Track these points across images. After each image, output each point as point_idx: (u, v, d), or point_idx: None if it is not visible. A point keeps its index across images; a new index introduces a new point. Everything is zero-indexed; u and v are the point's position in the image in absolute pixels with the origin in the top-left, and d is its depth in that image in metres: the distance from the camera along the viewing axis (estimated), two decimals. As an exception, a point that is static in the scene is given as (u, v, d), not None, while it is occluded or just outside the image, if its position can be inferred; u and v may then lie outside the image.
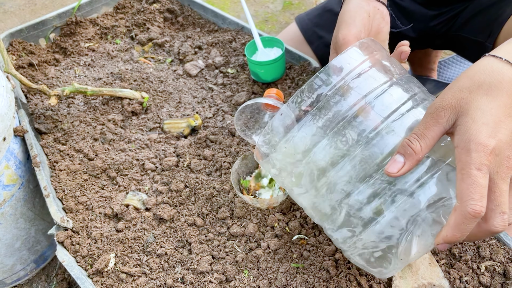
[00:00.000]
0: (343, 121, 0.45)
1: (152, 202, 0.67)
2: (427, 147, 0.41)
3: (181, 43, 1.02)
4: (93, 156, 0.76)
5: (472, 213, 0.37)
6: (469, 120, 0.39)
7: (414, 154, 0.41)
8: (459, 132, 0.39)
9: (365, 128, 0.44)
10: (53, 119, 0.83)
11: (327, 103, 0.46)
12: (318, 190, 0.48)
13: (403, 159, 0.41)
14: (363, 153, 0.44)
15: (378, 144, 0.44)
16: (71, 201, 0.69)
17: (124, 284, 0.58)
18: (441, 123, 0.40)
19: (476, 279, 0.56)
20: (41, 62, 0.97)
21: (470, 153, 0.37)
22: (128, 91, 0.86)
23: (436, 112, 0.41)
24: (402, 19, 0.91)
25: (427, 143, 0.41)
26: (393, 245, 0.45)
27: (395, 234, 0.44)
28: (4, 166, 0.71)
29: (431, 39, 0.94)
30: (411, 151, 0.41)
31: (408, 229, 0.44)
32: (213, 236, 0.63)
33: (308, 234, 0.62)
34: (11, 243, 0.79)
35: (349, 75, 0.46)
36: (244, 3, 0.89)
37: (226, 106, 0.84)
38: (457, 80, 0.42)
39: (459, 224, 0.38)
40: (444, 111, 0.40)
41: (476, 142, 0.37)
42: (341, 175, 0.46)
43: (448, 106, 0.40)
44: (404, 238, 0.44)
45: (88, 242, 0.63)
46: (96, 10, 1.10)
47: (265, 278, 0.57)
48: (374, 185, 0.45)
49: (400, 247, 0.45)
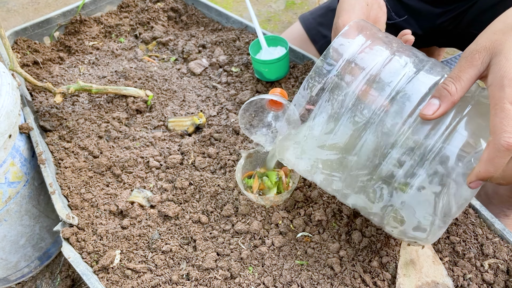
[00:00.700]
0: (356, 97, 0.46)
1: (157, 200, 0.68)
2: (462, 89, 0.42)
3: (185, 42, 1.02)
4: (98, 153, 0.76)
5: (506, 145, 0.37)
6: (502, 59, 0.40)
7: (450, 96, 0.42)
8: (493, 71, 0.40)
9: (380, 97, 0.45)
10: (58, 116, 0.83)
11: (338, 83, 0.46)
12: (347, 168, 0.49)
13: (439, 101, 0.42)
14: (384, 121, 0.45)
15: (396, 110, 0.45)
16: (76, 198, 0.69)
17: (129, 280, 0.59)
18: (475, 65, 0.42)
19: (480, 277, 0.56)
20: (45, 60, 0.98)
21: (504, 88, 0.38)
22: (132, 89, 0.86)
23: (471, 55, 0.42)
24: (408, 18, 0.91)
25: (462, 85, 0.42)
26: (431, 208, 0.45)
27: (430, 197, 0.45)
28: (9, 163, 0.71)
29: (437, 37, 0.94)
30: (447, 93, 0.42)
31: (442, 190, 0.44)
32: (218, 233, 0.63)
33: (312, 232, 0.62)
34: (15, 240, 0.80)
35: (352, 51, 0.47)
36: (249, 2, 0.90)
37: (230, 105, 0.84)
38: (491, 25, 0.44)
39: (493, 158, 0.38)
40: (478, 53, 0.42)
41: (509, 78, 0.38)
42: (366, 148, 0.46)
43: (483, 48, 0.41)
44: (440, 200, 0.44)
45: (93, 238, 0.63)
46: (100, 9, 1.11)
47: (270, 275, 0.57)
48: (402, 148, 0.45)
49: (438, 210, 0.45)
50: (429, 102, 0.42)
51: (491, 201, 0.81)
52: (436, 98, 0.42)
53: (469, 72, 0.42)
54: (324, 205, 0.64)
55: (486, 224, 0.62)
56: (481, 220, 0.62)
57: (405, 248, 0.59)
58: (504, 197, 0.78)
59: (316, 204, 0.65)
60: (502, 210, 0.80)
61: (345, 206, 0.64)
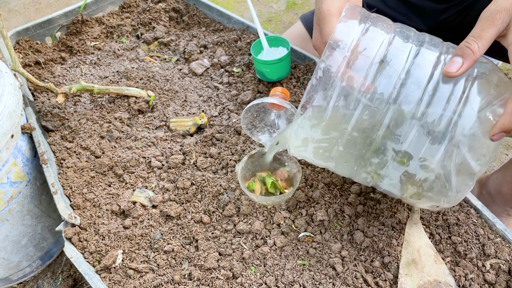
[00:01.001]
0: (372, 77, 0.47)
1: (159, 199, 0.68)
2: (483, 48, 0.44)
3: (187, 42, 1.03)
4: (100, 153, 0.77)
5: None
6: None
7: (472, 54, 0.44)
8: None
9: (394, 73, 0.47)
10: (60, 117, 0.84)
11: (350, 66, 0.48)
12: (370, 146, 0.50)
13: (462, 59, 0.44)
14: (402, 96, 0.46)
15: (411, 83, 0.46)
16: (78, 198, 0.69)
17: (131, 280, 0.59)
18: (496, 24, 0.44)
19: (481, 277, 0.56)
20: (47, 60, 0.98)
21: None
22: (134, 89, 0.86)
23: (491, 16, 0.44)
24: (411, 15, 0.90)
25: (484, 43, 0.44)
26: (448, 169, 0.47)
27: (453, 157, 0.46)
28: (12, 163, 0.71)
29: (442, 32, 0.93)
30: (469, 51, 0.44)
31: (456, 149, 0.46)
32: (220, 233, 0.63)
33: (314, 232, 0.62)
34: (17, 240, 0.80)
35: (357, 35, 0.48)
36: (250, 3, 0.90)
37: (232, 105, 0.84)
38: None
39: None
40: (499, 13, 0.44)
41: None
42: (393, 123, 0.47)
43: (503, 9, 0.44)
44: (456, 157, 0.46)
45: (95, 238, 0.64)
46: (102, 9, 1.11)
47: (272, 274, 0.57)
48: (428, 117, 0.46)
49: (452, 169, 0.47)
50: (453, 60, 0.45)
51: (494, 200, 0.81)
52: (459, 56, 0.45)
53: (490, 31, 0.44)
54: (326, 205, 0.65)
55: (487, 225, 0.62)
56: (483, 221, 0.62)
57: (407, 248, 0.60)
58: (507, 197, 0.78)
59: (318, 204, 0.65)
60: (505, 209, 0.80)
61: (347, 206, 0.64)
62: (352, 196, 0.66)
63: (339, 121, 0.49)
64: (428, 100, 0.46)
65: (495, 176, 0.82)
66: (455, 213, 0.63)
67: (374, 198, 0.66)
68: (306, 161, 0.72)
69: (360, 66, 0.47)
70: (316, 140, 0.52)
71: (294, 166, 0.68)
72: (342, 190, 0.67)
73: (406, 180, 0.50)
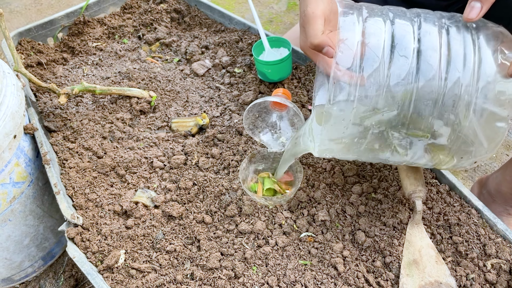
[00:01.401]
0: (388, 61, 0.48)
1: (161, 200, 0.68)
2: None
3: (188, 43, 1.03)
4: (102, 154, 0.77)
5: None
6: None
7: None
8: None
9: (408, 49, 0.48)
10: (62, 117, 0.84)
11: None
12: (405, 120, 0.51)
13: (480, 4, 0.46)
14: (422, 65, 0.48)
15: (426, 49, 0.48)
16: (81, 198, 0.69)
17: (134, 280, 0.59)
18: None
19: (483, 277, 0.57)
20: (49, 61, 0.98)
21: None
22: (136, 90, 0.86)
23: None
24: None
25: None
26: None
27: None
28: (14, 164, 0.72)
29: None
30: None
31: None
32: (222, 233, 0.63)
33: (316, 232, 0.62)
34: (20, 240, 0.80)
35: (360, 21, 0.50)
36: (252, 4, 0.90)
37: (233, 105, 0.85)
38: None
39: None
40: None
41: None
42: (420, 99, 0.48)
43: None
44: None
45: (98, 238, 0.64)
46: (104, 10, 1.11)
47: (274, 274, 0.58)
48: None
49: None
50: (472, 6, 0.46)
51: (494, 199, 0.81)
52: (477, 1, 0.46)
53: None
54: (328, 205, 0.65)
55: (488, 225, 0.62)
56: (484, 221, 0.63)
57: (408, 248, 0.60)
58: (507, 196, 0.78)
59: (319, 204, 0.65)
60: (505, 209, 0.80)
61: (349, 206, 0.65)
62: (354, 196, 0.66)
63: (364, 114, 0.50)
64: (447, 61, 0.48)
65: (495, 176, 0.82)
66: (456, 213, 0.63)
67: (376, 198, 0.66)
68: (307, 161, 0.73)
69: (372, 57, 0.48)
70: (344, 138, 0.53)
71: (296, 166, 0.68)
72: (344, 190, 0.67)
73: (432, 149, 0.52)
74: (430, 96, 0.48)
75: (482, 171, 1.06)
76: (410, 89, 0.48)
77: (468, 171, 1.07)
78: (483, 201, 0.82)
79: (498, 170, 0.82)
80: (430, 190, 0.67)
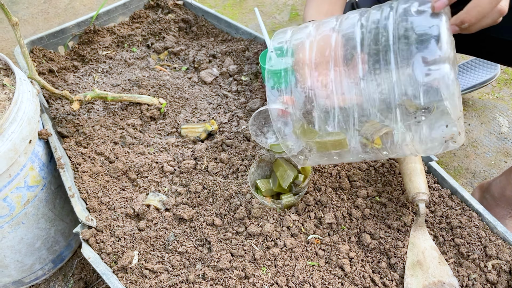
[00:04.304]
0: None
1: (172, 203, 0.70)
2: None
3: (196, 52, 1.06)
4: (114, 158, 0.79)
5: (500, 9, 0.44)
6: None
7: None
8: None
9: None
10: (75, 123, 0.86)
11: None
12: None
13: None
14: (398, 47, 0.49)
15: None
16: (94, 201, 0.72)
17: (147, 280, 0.61)
18: None
19: (484, 277, 0.59)
20: (60, 68, 1.01)
21: None
22: (146, 97, 0.89)
23: None
24: None
25: None
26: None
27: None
28: (29, 168, 0.74)
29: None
30: None
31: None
32: (232, 235, 0.65)
33: (323, 234, 0.65)
34: (32, 243, 0.82)
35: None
36: (259, 14, 0.93)
37: (241, 112, 0.87)
38: None
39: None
40: None
41: None
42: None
43: None
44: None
45: (111, 240, 0.66)
46: (113, 20, 1.15)
47: (283, 275, 0.60)
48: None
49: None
50: None
51: (497, 203, 0.84)
52: None
53: None
54: (334, 208, 0.67)
55: (489, 227, 0.64)
56: (484, 223, 0.65)
57: (412, 249, 0.62)
58: (511, 199, 0.80)
59: (326, 207, 0.67)
60: (509, 212, 0.82)
61: (354, 209, 0.67)
62: (359, 200, 0.68)
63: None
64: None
65: (498, 180, 0.84)
66: (457, 217, 0.66)
67: (380, 202, 0.68)
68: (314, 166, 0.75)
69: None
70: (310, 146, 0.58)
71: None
72: (350, 194, 0.70)
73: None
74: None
75: (481, 178, 1.09)
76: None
77: (467, 178, 1.10)
78: (486, 205, 0.84)
79: (501, 175, 0.84)
80: (432, 194, 0.69)
